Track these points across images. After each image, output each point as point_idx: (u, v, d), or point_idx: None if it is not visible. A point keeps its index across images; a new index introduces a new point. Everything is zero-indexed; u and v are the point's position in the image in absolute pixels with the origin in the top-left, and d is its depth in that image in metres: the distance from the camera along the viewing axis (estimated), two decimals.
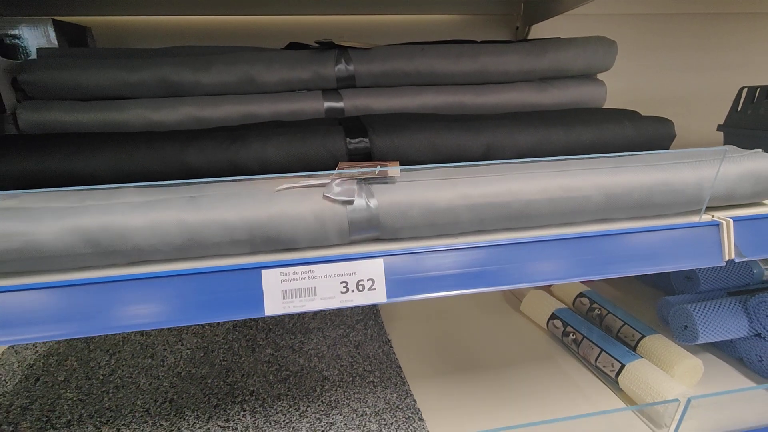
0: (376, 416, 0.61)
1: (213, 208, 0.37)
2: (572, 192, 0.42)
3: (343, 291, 0.38)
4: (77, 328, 0.35)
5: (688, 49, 0.96)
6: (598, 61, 0.64)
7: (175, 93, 0.56)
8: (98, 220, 0.35)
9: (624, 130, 0.54)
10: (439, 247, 0.40)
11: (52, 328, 0.35)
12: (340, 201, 0.38)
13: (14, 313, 0.34)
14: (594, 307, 0.81)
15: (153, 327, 0.36)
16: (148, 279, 0.35)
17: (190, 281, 0.35)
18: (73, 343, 0.81)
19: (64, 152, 0.44)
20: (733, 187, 0.45)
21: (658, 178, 0.43)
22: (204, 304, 0.36)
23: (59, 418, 0.62)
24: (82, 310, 0.35)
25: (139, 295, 0.35)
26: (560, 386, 0.67)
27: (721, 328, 0.66)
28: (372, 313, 0.88)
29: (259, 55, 0.58)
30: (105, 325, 0.35)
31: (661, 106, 0.97)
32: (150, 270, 0.36)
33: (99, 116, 0.53)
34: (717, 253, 0.45)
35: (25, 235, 0.34)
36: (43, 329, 0.35)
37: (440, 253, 0.40)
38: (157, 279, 0.35)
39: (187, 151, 0.45)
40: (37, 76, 0.53)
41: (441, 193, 0.40)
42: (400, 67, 0.60)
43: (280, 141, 0.47)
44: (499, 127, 0.52)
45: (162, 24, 0.77)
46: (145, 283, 0.35)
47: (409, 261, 0.39)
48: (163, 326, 0.35)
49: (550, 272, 0.41)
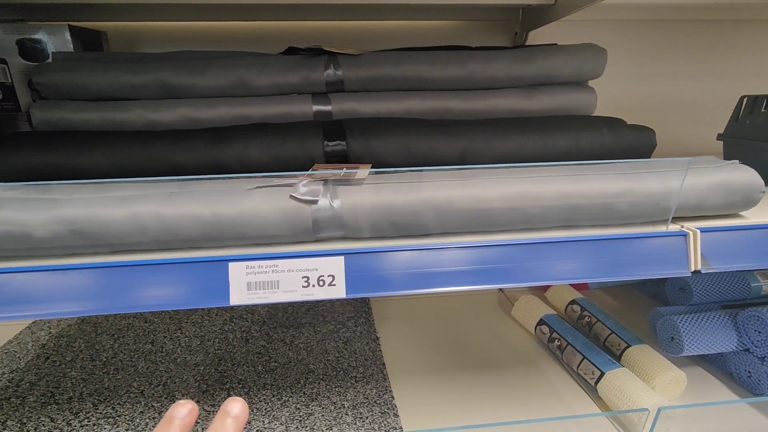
0: (353, 410, 0.63)
1: (188, 204, 0.40)
2: (533, 198, 0.43)
3: (305, 285, 0.40)
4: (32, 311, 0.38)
5: (689, 56, 0.94)
6: (587, 68, 0.64)
7: (173, 95, 0.60)
8: (83, 211, 0.39)
9: (602, 138, 0.54)
10: (398, 247, 0.42)
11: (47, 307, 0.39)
12: (305, 200, 0.41)
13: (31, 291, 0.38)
14: (584, 314, 0.81)
15: (118, 311, 0.39)
16: (120, 267, 0.38)
17: (160, 270, 0.38)
18: (83, 327, 0.87)
19: (64, 149, 0.48)
20: (703, 197, 0.45)
21: (622, 186, 0.44)
22: (172, 294, 0.39)
23: (62, 394, 0.67)
24: (70, 291, 0.38)
25: (113, 282, 0.39)
26: (540, 391, 0.67)
27: (708, 341, 0.65)
28: (363, 311, 0.90)
29: (253, 60, 0.61)
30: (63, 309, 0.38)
31: (662, 113, 0.96)
32: (130, 259, 0.40)
33: (103, 115, 0.58)
34: (683, 262, 0.45)
35: (17, 223, 0.38)
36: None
37: (399, 253, 0.41)
38: (128, 267, 0.38)
39: (175, 150, 0.49)
40: (49, 78, 0.57)
41: (403, 195, 0.42)
42: (387, 73, 0.62)
43: (261, 142, 0.50)
44: (475, 133, 0.53)
45: (172, 29, 0.81)
46: (117, 271, 0.38)
47: (369, 259, 0.41)
48: (130, 311, 0.38)
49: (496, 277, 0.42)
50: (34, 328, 0.87)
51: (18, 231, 0.38)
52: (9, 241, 0.38)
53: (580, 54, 0.64)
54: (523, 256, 0.42)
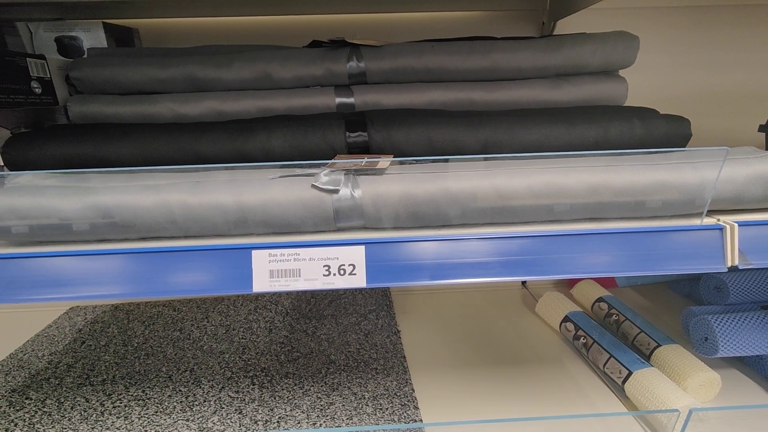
0: (374, 401, 0.63)
1: (213, 193, 0.41)
2: (558, 190, 0.42)
3: (326, 274, 0.41)
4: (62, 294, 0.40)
5: (728, 44, 0.89)
6: (617, 56, 0.62)
7: (200, 88, 0.61)
8: (114, 198, 0.40)
9: (632, 128, 0.52)
10: (419, 237, 0.41)
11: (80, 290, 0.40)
12: (326, 190, 0.41)
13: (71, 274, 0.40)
14: (612, 312, 0.79)
15: (148, 297, 0.40)
16: (149, 253, 0.39)
17: (187, 257, 0.39)
18: (116, 314, 0.91)
19: (96, 140, 0.50)
20: (742, 189, 0.43)
21: (653, 177, 0.42)
22: (198, 279, 0.40)
23: (96, 377, 0.70)
24: (77, 277, 0.40)
25: (140, 268, 0.40)
26: (564, 388, 0.65)
27: (745, 343, 0.62)
28: (385, 305, 0.90)
29: (276, 53, 0.62)
30: (94, 292, 0.40)
31: (699, 104, 0.91)
32: (158, 245, 0.41)
33: (134, 108, 0.60)
34: (719, 258, 0.43)
35: (54, 210, 0.39)
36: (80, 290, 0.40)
37: (420, 244, 0.41)
38: (157, 254, 0.39)
39: (201, 141, 0.50)
40: (84, 73, 0.59)
41: (424, 186, 0.42)
42: (409, 64, 0.61)
43: (284, 133, 0.50)
44: (498, 123, 0.52)
45: (200, 24, 0.83)
46: (145, 257, 0.39)
47: (389, 249, 0.41)
48: (159, 297, 0.40)
49: (521, 269, 0.41)
50: (71, 314, 0.92)
51: (54, 217, 0.40)
52: (46, 227, 0.40)
53: (610, 42, 0.61)
54: (549, 249, 0.41)
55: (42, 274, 0.39)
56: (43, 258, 0.40)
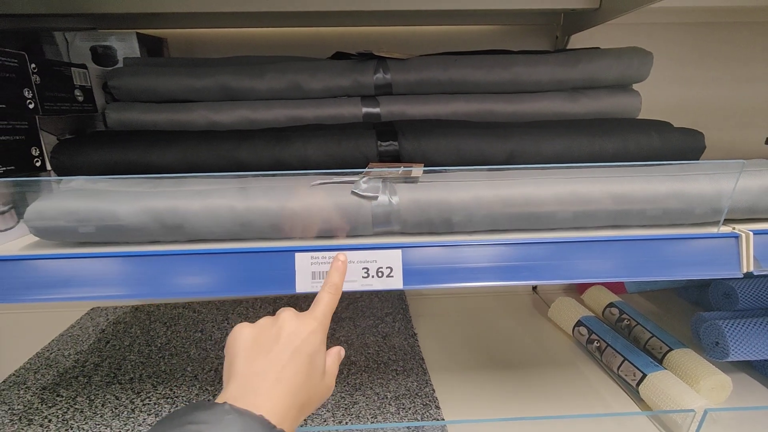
0: (396, 401, 0.65)
1: (258, 198, 0.44)
2: (583, 198, 0.44)
3: (365, 276, 0.43)
4: (137, 291, 0.42)
5: (736, 59, 0.92)
6: (632, 71, 0.65)
7: (233, 97, 0.64)
8: (166, 203, 0.43)
9: (650, 140, 0.55)
10: (452, 242, 0.44)
11: (122, 290, 0.43)
12: (366, 197, 0.43)
13: (93, 275, 0.42)
14: (623, 317, 0.81)
15: (203, 296, 0.42)
16: (202, 255, 0.42)
17: (235, 259, 0.42)
18: (137, 315, 0.93)
19: (142, 147, 0.52)
20: (756, 200, 0.46)
21: (673, 187, 0.45)
22: (245, 280, 0.42)
23: (124, 375, 0.72)
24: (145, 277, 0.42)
25: (193, 269, 0.42)
26: (579, 390, 0.68)
27: (755, 347, 0.64)
28: (401, 308, 0.92)
29: (306, 64, 0.64)
30: (161, 291, 0.42)
31: (707, 117, 0.94)
32: (204, 247, 0.43)
33: (170, 116, 0.62)
34: (735, 264, 0.45)
35: (109, 213, 0.42)
36: (113, 290, 0.42)
37: (453, 248, 0.43)
38: (209, 255, 0.42)
39: (240, 149, 0.53)
40: (123, 82, 0.62)
41: (457, 193, 0.44)
42: (434, 77, 0.64)
43: (319, 142, 0.53)
44: (524, 134, 0.55)
45: (227, 35, 0.86)
46: (198, 258, 0.42)
47: (424, 253, 0.43)
48: (212, 296, 0.42)
49: (546, 272, 0.43)
50: (93, 314, 0.94)
51: (110, 220, 0.42)
52: (101, 229, 0.42)
53: (625, 57, 0.64)
54: (575, 254, 0.44)
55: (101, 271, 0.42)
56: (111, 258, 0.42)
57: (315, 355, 0.35)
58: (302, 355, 0.34)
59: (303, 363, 0.34)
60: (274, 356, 0.33)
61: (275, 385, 0.32)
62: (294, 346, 0.34)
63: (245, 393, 0.31)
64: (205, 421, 0.28)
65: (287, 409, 0.32)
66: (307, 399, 0.34)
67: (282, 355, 0.34)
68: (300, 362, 0.34)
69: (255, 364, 0.33)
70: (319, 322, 0.37)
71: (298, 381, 0.33)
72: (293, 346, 0.34)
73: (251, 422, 0.28)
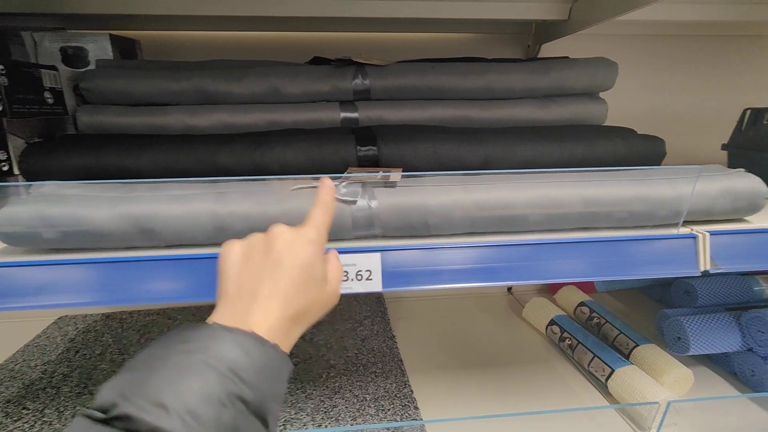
0: (375, 402, 0.66)
1: (238, 203, 0.44)
2: (556, 202, 0.46)
3: (344, 279, 0.43)
4: (109, 298, 0.42)
5: (696, 70, 0.98)
6: (599, 80, 0.68)
7: (210, 101, 0.63)
8: (145, 208, 0.42)
9: (615, 146, 0.58)
10: (430, 245, 0.45)
11: (91, 297, 0.42)
12: (345, 201, 0.44)
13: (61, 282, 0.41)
14: (593, 316, 0.84)
15: (177, 301, 0.42)
16: (176, 260, 0.41)
17: (211, 264, 0.41)
18: (108, 323, 0.90)
19: (117, 151, 0.51)
20: (712, 203, 0.49)
21: (637, 192, 0.47)
22: None
23: (95, 385, 0.70)
24: (116, 283, 0.42)
25: (167, 274, 0.42)
26: (553, 387, 0.70)
27: (714, 341, 0.68)
28: (380, 311, 0.93)
29: (285, 69, 0.65)
30: (135, 297, 0.42)
31: (669, 124, 1.00)
32: (183, 252, 0.43)
33: (144, 119, 0.61)
34: (693, 263, 0.48)
35: (86, 218, 0.41)
36: (83, 297, 0.42)
37: (431, 251, 0.45)
38: (183, 260, 0.41)
39: (220, 153, 0.52)
40: (95, 84, 0.61)
41: (434, 197, 0.45)
42: (412, 83, 0.65)
43: (299, 146, 0.53)
44: (497, 140, 0.57)
45: (202, 38, 0.85)
46: (173, 263, 0.41)
47: (403, 256, 0.45)
48: (187, 301, 0.42)
49: (520, 274, 0.45)
50: (60, 323, 0.90)
51: (85, 225, 0.41)
52: (76, 235, 0.41)
53: (592, 67, 0.67)
54: (547, 255, 0.46)
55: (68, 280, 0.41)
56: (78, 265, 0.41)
57: (312, 266, 0.33)
58: (297, 266, 0.32)
59: (299, 274, 0.32)
60: (266, 271, 0.32)
61: (268, 300, 0.31)
62: (288, 257, 0.32)
63: (235, 312, 0.31)
64: (194, 340, 0.27)
65: (281, 322, 0.31)
66: (306, 310, 0.33)
67: (275, 269, 0.32)
68: (295, 274, 0.32)
69: (246, 281, 0.32)
70: (316, 230, 0.35)
71: (293, 294, 0.32)
72: (287, 258, 0.32)
73: (242, 339, 0.28)
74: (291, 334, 0.32)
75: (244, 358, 0.27)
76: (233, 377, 0.26)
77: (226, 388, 0.25)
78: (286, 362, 0.30)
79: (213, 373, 0.25)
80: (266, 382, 0.28)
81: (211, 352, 0.26)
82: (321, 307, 0.35)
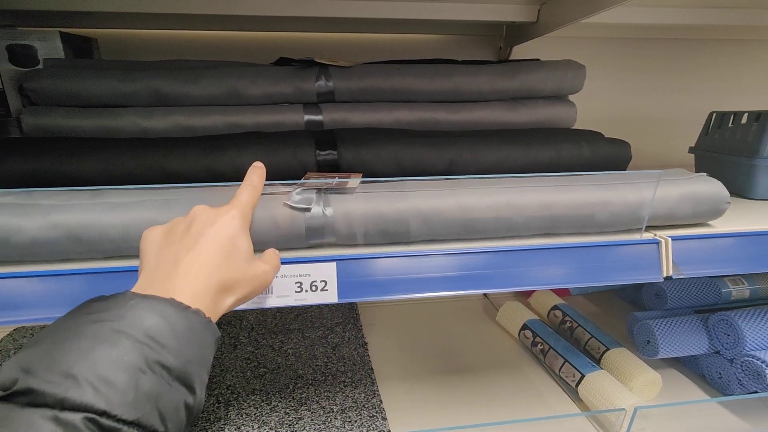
0: (342, 414, 0.64)
1: (184, 211, 0.41)
2: (517, 208, 0.45)
3: (298, 290, 0.42)
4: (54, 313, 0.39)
5: (664, 73, 0.99)
6: (567, 83, 0.67)
7: (166, 103, 0.61)
8: (80, 217, 0.39)
9: (581, 150, 0.57)
10: (388, 254, 0.43)
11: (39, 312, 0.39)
12: (298, 208, 0.42)
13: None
14: (566, 319, 0.84)
15: None
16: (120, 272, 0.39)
17: None
18: None
19: (58, 155, 0.48)
20: (674, 207, 0.48)
21: (600, 197, 0.46)
22: None
23: None
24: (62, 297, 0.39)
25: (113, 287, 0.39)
26: (523, 393, 0.69)
27: (681, 344, 0.68)
28: (352, 317, 0.91)
29: (246, 70, 0.62)
30: None
31: (638, 127, 1.00)
32: (124, 264, 0.41)
33: (96, 122, 0.58)
34: (657, 268, 0.48)
35: (15, 228, 0.38)
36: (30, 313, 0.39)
37: (389, 260, 0.43)
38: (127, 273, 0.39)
39: (170, 158, 0.50)
40: (41, 84, 0.57)
41: (393, 204, 0.44)
42: (377, 85, 0.64)
43: (255, 151, 0.51)
44: (463, 144, 0.55)
45: (162, 37, 0.82)
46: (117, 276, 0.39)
47: (360, 265, 0.43)
48: None
49: (481, 282, 0.44)
50: (15, 335, 0.86)
51: (14, 236, 0.38)
52: (3, 246, 0.38)
53: (561, 70, 0.67)
54: (507, 263, 0.45)
55: None
56: None
57: (235, 238, 0.34)
58: (218, 238, 0.33)
59: (221, 246, 0.33)
60: (185, 243, 0.32)
61: (190, 268, 0.31)
62: (209, 230, 0.33)
63: (153, 282, 0.30)
64: (106, 310, 0.26)
65: (203, 289, 0.30)
66: (233, 281, 0.33)
67: (197, 241, 0.32)
68: (217, 245, 0.33)
69: (166, 254, 0.32)
70: (238, 207, 0.36)
71: (216, 263, 0.32)
72: (207, 231, 0.33)
73: (159, 306, 0.27)
74: (219, 304, 0.32)
75: (162, 324, 0.26)
76: (151, 343, 0.25)
77: (144, 354, 0.25)
78: (210, 328, 0.30)
79: (128, 340, 0.25)
80: (189, 348, 0.27)
81: (125, 321, 0.25)
82: (251, 283, 0.35)
